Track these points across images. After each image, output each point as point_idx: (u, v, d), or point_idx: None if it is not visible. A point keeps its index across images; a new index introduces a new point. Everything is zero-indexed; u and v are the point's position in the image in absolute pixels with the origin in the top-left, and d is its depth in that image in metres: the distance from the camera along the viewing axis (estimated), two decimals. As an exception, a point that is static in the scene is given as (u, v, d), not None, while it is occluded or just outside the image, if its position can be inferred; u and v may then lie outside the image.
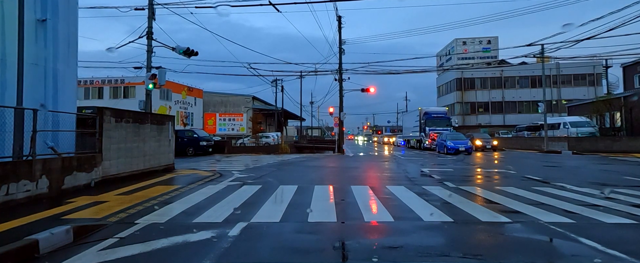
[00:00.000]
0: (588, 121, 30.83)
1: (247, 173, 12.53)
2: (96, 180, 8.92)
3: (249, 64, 29.76)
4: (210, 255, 3.95)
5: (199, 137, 25.47)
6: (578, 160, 18.46)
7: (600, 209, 6.28)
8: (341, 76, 28.51)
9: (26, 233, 4.37)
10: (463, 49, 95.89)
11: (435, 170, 13.57)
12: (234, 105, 49.39)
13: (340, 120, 29.30)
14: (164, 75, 16.70)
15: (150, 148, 11.87)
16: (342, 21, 28.25)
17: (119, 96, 42.80)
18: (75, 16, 9.82)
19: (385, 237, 4.98)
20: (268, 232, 5.00)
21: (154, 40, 16.87)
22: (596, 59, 42.32)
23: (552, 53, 59.61)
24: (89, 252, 4.15)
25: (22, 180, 6.65)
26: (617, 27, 18.30)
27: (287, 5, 46.18)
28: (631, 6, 16.74)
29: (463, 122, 50.49)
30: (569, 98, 46.15)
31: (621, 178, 10.83)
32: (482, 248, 4.45)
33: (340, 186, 9.33)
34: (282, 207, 6.55)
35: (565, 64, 47.43)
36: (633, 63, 32.11)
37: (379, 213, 6.24)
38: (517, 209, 6.32)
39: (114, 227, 5.16)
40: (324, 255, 4.09)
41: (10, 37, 7.50)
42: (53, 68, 8.77)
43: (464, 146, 24.51)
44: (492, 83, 53.03)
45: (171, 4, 17.71)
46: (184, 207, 6.52)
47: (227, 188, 8.91)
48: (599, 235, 4.66)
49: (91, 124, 9.36)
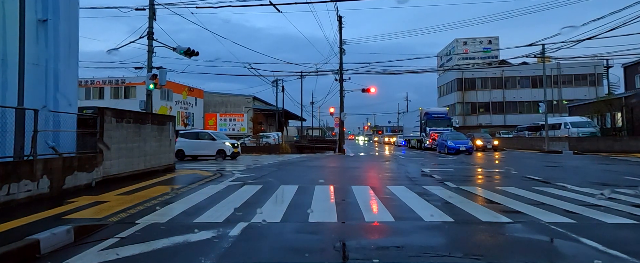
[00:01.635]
0: (589, 121, 30.78)
1: (247, 173, 12.54)
2: (97, 180, 8.92)
3: (250, 64, 29.83)
4: (211, 255, 3.96)
5: None
6: (579, 160, 18.44)
7: (601, 209, 6.28)
8: (342, 76, 28.52)
9: (27, 233, 4.37)
10: (464, 49, 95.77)
11: (436, 170, 13.56)
12: (234, 105, 49.41)
13: (340, 120, 29.31)
14: (164, 76, 16.73)
15: (151, 149, 11.87)
16: (342, 21, 28.29)
17: (120, 96, 42.83)
18: (76, 16, 9.83)
19: (386, 237, 4.98)
20: (269, 232, 5.01)
21: (154, 40, 16.89)
22: (597, 59, 42.30)
23: (553, 53, 59.47)
24: (89, 252, 4.16)
25: (23, 180, 6.65)
26: (618, 27, 18.16)
27: (287, 5, 46.21)
28: (632, 6, 16.72)
29: (464, 122, 50.46)
30: (570, 98, 46.10)
31: (622, 178, 10.81)
32: (483, 248, 4.44)
33: (341, 186, 9.33)
34: (283, 207, 6.55)
35: (566, 63, 47.37)
36: (634, 63, 32.08)
37: (380, 213, 6.24)
38: (517, 209, 6.32)
39: (114, 227, 5.17)
40: (324, 255, 4.09)
41: (11, 37, 7.51)
42: (54, 68, 8.77)
43: (465, 146, 24.50)
44: (492, 83, 52.99)
45: (172, 4, 17.73)
46: (184, 207, 6.53)
47: (227, 188, 8.91)
48: (600, 236, 4.66)
49: (92, 124, 9.37)
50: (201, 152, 20.26)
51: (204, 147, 20.19)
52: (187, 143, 20.00)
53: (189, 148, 19.94)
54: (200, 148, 20.20)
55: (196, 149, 20.14)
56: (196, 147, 20.13)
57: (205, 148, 20.22)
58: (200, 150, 20.20)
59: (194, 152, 20.14)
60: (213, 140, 20.33)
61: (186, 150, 19.88)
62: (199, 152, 20.26)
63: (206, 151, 20.19)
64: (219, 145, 20.19)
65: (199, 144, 20.20)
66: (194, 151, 20.10)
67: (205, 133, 21.63)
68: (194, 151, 20.11)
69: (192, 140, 20.26)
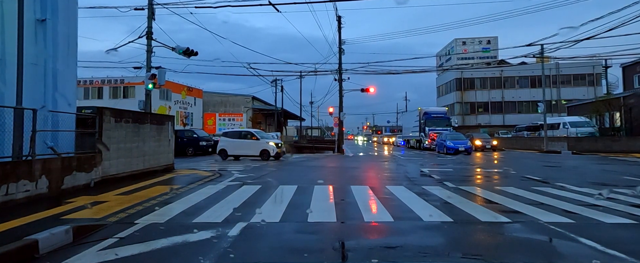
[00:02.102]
0: (588, 121, 30.85)
1: (246, 173, 12.53)
2: (96, 180, 8.91)
3: (249, 64, 29.81)
4: (210, 255, 3.95)
5: (199, 137, 25.36)
6: (578, 160, 18.46)
7: (599, 209, 6.29)
8: (341, 76, 28.52)
9: (26, 233, 4.37)
10: (463, 49, 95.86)
11: (435, 170, 13.57)
12: (233, 105, 49.36)
13: (340, 120, 29.30)
14: (163, 75, 16.71)
15: (150, 148, 11.86)
16: (341, 21, 28.28)
17: (119, 96, 42.75)
18: (75, 16, 9.82)
19: (385, 237, 4.98)
20: (268, 232, 5.01)
21: (153, 40, 16.86)
22: (596, 59, 42.33)
23: (552, 53, 59.60)
24: (88, 252, 4.15)
25: (22, 180, 6.64)
26: (616, 27, 18.16)
27: (287, 5, 46.24)
28: (631, 6, 16.73)
29: (463, 122, 50.49)
30: (568, 98, 46.18)
31: (621, 178, 10.83)
32: (482, 248, 4.45)
33: (340, 186, 9.33)
34: (282, 207, 6.55)
35: (564, 64, 47.46)
36: (632, 63, 32.12)
37: (379, 213, 6.24)
38: (516, 209, 6.32)
39: (113, 227, 5.16)
40: (323, 255, 4.09)
41: (9, 37, 7.50)
42: (53, 68, 8.76)
43: (464, 146, 24.52)
44: (491, 83, 53.05)
45: (171, 4, 17.71)
46: (183, 207, 6.52)
47: (226, 188, 8.90)
48: (599, 235, 4.66)
49: (91, 124, 9.36)
50: (244, 152, 19.45)
51: (248, 146, 19.31)
52: (231, 142, 19.48)
53: (232, 148, 19.36)
54: (243, 148, 19.41)
55: (239, 149, 19.45)
56: (239, 146, 19.43)
57: (248, 148, 19.32)
58: (243, 149, 19.42)
59: (237, 151, 19.47)
60: (257, 140, 19.42)
61: (229, 149, 19.33)
62: (242, 152, 19.48)
63: (249, 151, 19.33)
64: (262, 144, 19.28)
65: (242, 144, 19.41)
66: (237, 151, 19.45)
67: (249, 132, 20.61)
68: (237, 151, 19.45)
69: (235, 140, 19.65)
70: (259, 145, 19.32)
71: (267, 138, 20.33)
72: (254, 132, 20.68)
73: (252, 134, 20.03)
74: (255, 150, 19.30)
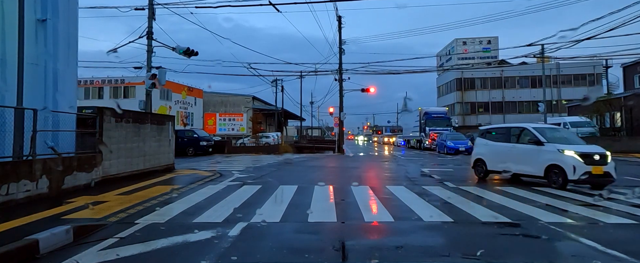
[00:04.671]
0: (588, 121, 30.80)
1: (247, 173, 12.53)
2: (96, 180, 8.91)
3: (249, 64, 29.72)
4: (211, 255, 3.95)
5: (199, 137, 25.37)
6: (578, 160, 18.41)
7: (600, 209, 6.29)
8: (341, 76, 28.51)
9: (26, 233, 4.37)
10: (463, 49, 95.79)
11: (436, 170, 13.57)
12: (234, 105, 49.37)
13: (340, 120, 29.30)
14: (164, 75, 16.69)
15: (150, 148, 11.86)
16: (342, 21, 28.25)
17: (119, 96, 42.79)
18: (75, 16, 9.82)
19: (386, 237, 4.98)
20: (268, 232, 5.01)
21: (154, 40, 16.86)
22: (596, 59, 42.24)
23: (552, 53, 59.64)
24: (89, 252, 4.15)
25: (22, 180, 6.64)
26: (617, 27, 18.13)
27: (287, 5, 46.27)
28: (631, 6, 16.71)
29: (463, 122, 50.48)
30: (569, 98, 46.11)
31: (621, 178, 10.81)
32: (482, 248, 4.45)
33: (341, 186, 9.33)
34: (282, 207, 6.55)
35: (565, 64, 47.41)
36: (633, 63, 32.12)
37: (379, 213, 6.24)
38: (517, 209, 6.32)
39: (114, 227, 5.16)
40: (324, 255, 4.09)
41: (10, 37, 7.49)
42: (53, 68, 8.76)
43: (464, 146, 24.51)
44: (492, 83, 53.03)
45: (171, 4, 17.75)
46: (184, 207, 6.52)
47: (227, 188, 8.90)
48: (599, 235, 4.66)
49: (91, 124, 9.36)
50: (519, 168, 9.80)
51: (524, 156, 9.69)
52: (494, 149, 10.66)
53: (495, 159, 10.52)
54: (516, 160, 9.86)
55: (509, 160, 10.04)
56: (509, 156, 10.08)
57: (525, 159, 9.64)
58: (517, 163, 9.83)
59: (505, 165, 10.12)
60: (539, 145, 9.34)
61: (490, 162, 10.65)
62: (515, 168, 9.90)
63: (528, 166, 9.57)
64: (550, 155, 9.04)
65: (513, 152, 10.01)
66: (504, 163, 10.16)
67: (525, 130, 10.09)
68: (506, 163, 10.11)
69: (501, 144, 10.51)
70: (544, 156, 9.18)
71: (559, 141, 9.47)
72: (533, 129, 9.94)
73: (532, 134, 9.70)
74: (538, 164, 9.24)
